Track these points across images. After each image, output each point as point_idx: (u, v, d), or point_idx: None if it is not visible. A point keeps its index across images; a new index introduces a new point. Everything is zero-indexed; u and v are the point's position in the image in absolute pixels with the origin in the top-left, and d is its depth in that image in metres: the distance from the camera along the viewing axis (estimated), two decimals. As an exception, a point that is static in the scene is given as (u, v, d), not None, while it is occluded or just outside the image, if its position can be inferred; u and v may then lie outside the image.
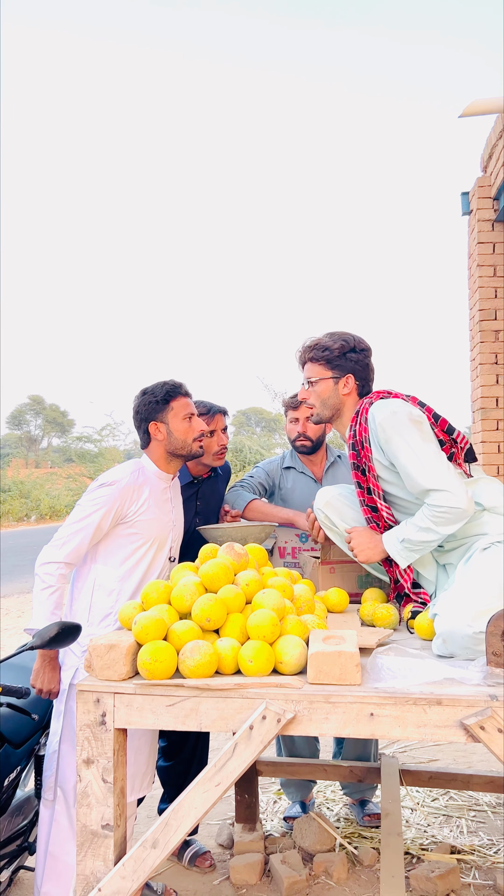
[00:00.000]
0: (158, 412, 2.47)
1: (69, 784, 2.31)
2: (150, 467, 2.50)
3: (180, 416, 2.48)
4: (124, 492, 2.35)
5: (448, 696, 1.55)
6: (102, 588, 2.39)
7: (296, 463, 3.20)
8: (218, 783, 1.58)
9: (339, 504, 2.43)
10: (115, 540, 2.39)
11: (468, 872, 2.73)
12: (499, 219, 5.43)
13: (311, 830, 2.93)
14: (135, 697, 1.65)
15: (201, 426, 2.53)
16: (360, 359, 2.35)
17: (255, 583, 1.89)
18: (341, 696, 1.57)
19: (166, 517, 2.48)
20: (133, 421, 2.53)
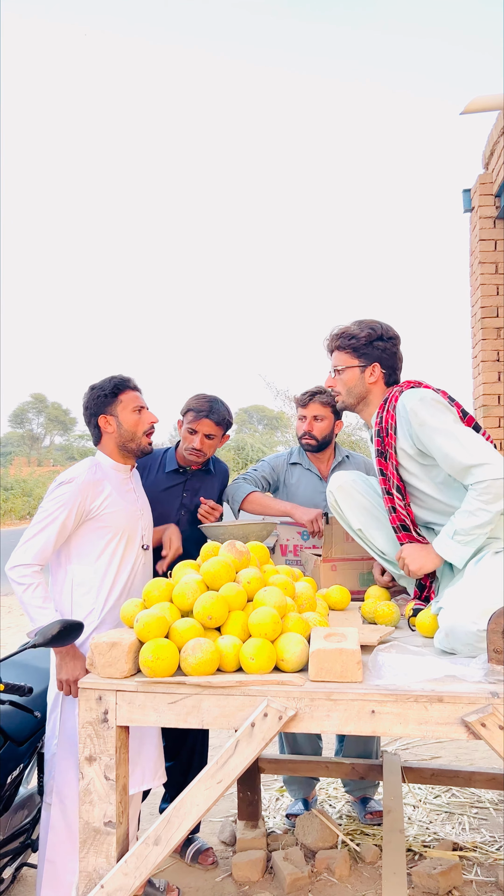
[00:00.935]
0: (107, 405, 2.50)
1: (64, 789, 2.31)
2: (105, 461, 2.52)
3: (129, 408, 2.50)
4: (84, 487, 2.36)
5: (449, 694, 1.55)
6: (81, 586, 2.40)
7: (302, 459, 3.21)
8: (220, 780, 1.59)
9: (351, 490, 2.41)
10: (86, 537, 2.40)
11: (470, 869, 2.74)
12: (500, 216, 5.42)
13: (314, 827, 2.93)
14: (137, 695, 1.65)
15: (151, 419, 2.54)
16: (387, 347, 2.32)
17: (256, 580, 1.89)
18: (343, 694, 1.58)
19: (132, 507, 2.49)
20: (84, 417, 2.55)
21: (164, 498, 2.82)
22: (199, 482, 2.96)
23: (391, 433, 2.20)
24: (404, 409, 2.17)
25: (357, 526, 2.42)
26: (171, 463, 2.92)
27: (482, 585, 1.87)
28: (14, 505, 23.83)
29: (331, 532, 2.63)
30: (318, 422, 3.11)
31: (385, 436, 2.22)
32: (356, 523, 2.41)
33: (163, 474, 2.89)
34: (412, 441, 2.16)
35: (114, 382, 2.51)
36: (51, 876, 2.30)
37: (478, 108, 4.58)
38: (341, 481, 2.43)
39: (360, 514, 2.40)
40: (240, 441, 27.68)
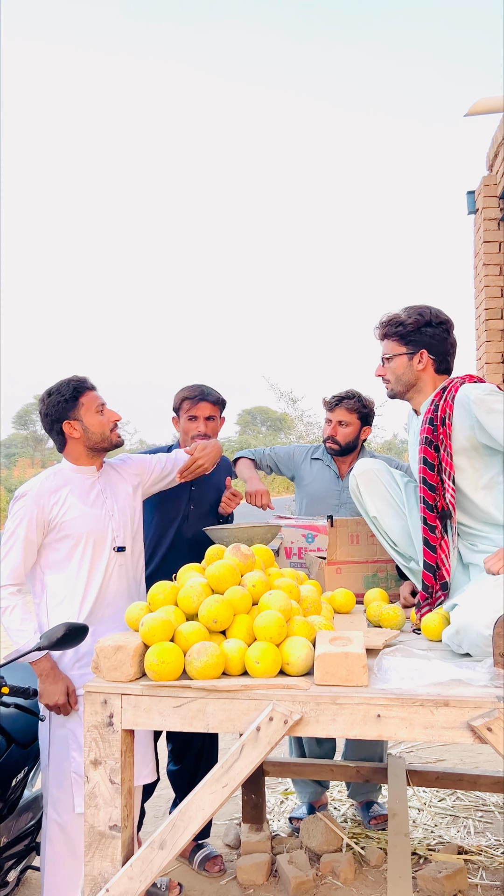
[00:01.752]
0: (69, 410, 2.41)
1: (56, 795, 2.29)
2: (67, 467, 2.45)
3: (92, 409, 2.43)
4: (38, 498, 2.32)
5: (455, 698, 1.55)
6: (56, 596, 2.36)
7: (324, 456, 3.24)
8: (225, 784, 1.58)
9: (375, 477, 2.39)
10: (52, 546, 2.35)
11: (475, 873, 2.73)
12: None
13: (318, 831, 2.92)
14: (142, 699, 1.65)
15: (114, 417, 2.48)
16: (436, 333, 2.27)
17: (261, 584, 1.89)
18: (348, 698, 1.57)
19: (97, 510, 2.42)
20: (43, 424, 2.47)
21: (172, 493, 2.81)
22: (206, 474, 2.95)
23: (447, 422, 2.15)
24: (466, 399, 2.12)
25: (373, 513, 2.40)
26: None
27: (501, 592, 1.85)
28: (18, 506, 23.84)
29: (335, 535, 2.62)
30: (343, 427, 3.12)
31: (439, 424, 2.17)
32: (373, 510, 2.39)
33: None
34: (471, 432, 2.12)
35: (72, 386, 2.42)
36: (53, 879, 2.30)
37: (482, 109, 4.57)
38: (366, 467, 2.41)
39: (379, 501, 2.38)
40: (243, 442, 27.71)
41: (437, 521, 2.20)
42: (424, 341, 2.27)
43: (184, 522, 2.87)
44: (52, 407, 2.42)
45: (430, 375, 2.29)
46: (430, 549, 2.21)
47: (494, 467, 2.16)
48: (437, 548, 2.19)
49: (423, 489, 2.22)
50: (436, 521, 2.20)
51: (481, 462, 2.15)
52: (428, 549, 2.21)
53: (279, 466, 3.27)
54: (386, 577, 2.65)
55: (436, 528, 2.20)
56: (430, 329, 2.27)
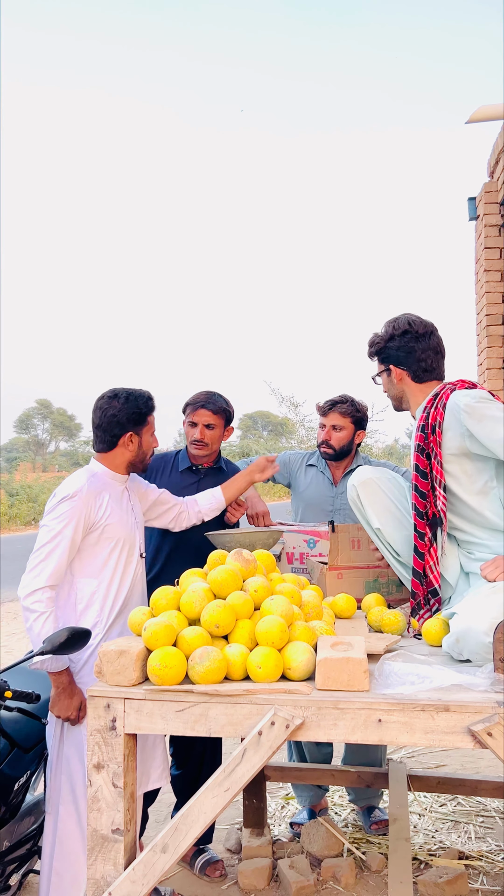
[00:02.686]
0: (137, 424, 2.46)
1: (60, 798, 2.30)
2: (103, 472, 2.47)
3: (151, 431, 2.51)
4: (87, 500, 2.33)
5: (456, 703, 1.56)
6: (85, 599, 2.36)
7: (319, 462, 3.28)
8: (227, 788, 1.59)
9: (376, 487, 2.38)
10: (89, 549, 2.36)
11: (476, 878, 2.73)
12: (506, 224, 5.44)
13: (319, 835, 2.93)
14: (144, 703, 1.66)
15: (156, 443, 2.55)
16: (400, 345, 2.29)
17: (263, 589, 1.90)
18: (349, 703, 1.59)
19: (128, 517, 2.47)
20: (101, 421, 2.44)
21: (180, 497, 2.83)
22: (213, 481, 2.97)
23: (437, 430, 2.16)
24: (456, 406, 2.13)
25: (377, 525, 2.37)
26: (185, 462, 2.95)
27: (499, 597, 1.86)
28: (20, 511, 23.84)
29: (337, 540, 2.63)
30: (337, 431, 3.14)
31: (430, 432, 2.18)
32: (376, 522, 2.37)
33: (176, 474, 2.91)
34: (461, 440, 2.13)
35: (149, 404, 2.48)
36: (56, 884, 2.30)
37: (483, 116, 4.60)
38: (366, 476, 2.39)
39: (382, 512, 2.36)
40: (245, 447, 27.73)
41: (426, 529, 2.21)
42: (392, 356, 2.31)
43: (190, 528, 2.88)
44: (123, 413, 2.43)
45: (410, 386, 2.31)
46: (418, 556, 2.23)
47: (487, 472, 2.17)
48: (424, 555, 2.22)
49: (414, 496, 2.25)
50: (425, 529, 2.21)
51: (473, 467, 2.16)
52: (416, 556, 2.23)
53: (276, 475, 3.29)
54: (387, 583, 2.66)
55: (425, 535, 2.22)
56: (394, 342, 2.30)
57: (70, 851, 2.30)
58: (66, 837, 2.30)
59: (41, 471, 38.20)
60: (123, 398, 2.46)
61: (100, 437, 2.48)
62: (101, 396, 2.51)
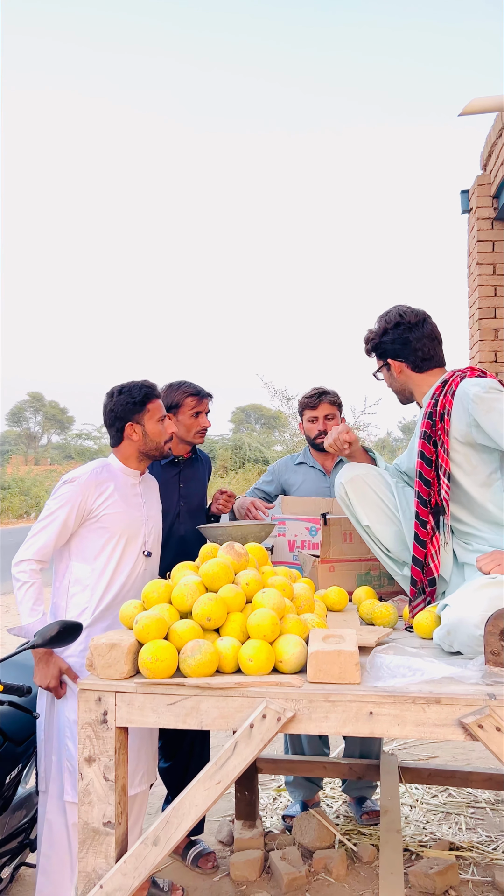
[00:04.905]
0: (136, 413, 2.50)
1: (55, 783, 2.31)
2: (116, 465, 2.53)
3: (155, 418, 2.52)
4: (86, 487, 2.38)
5: (447, 695, 1.56)
6: (78, 583, 2.42)
7: (307, 458, 3.32)
8: (218, 781, 1.59)
9: (363, 484, 2.38)
10: (86, 536, 2.41)
11: (466, 869, 2.75)
12: (498, 217, 5.44)
13: (311, 827, 2.94)
14: (136, 696, 1.66)
15: (172, 428, 2.59)
16: (395, 337, 2.27)
17: (255, 582, 1.89)
18: (341, 695, 1.58)
19: (136, 512, 2.49)
20: (105, 419, 2.55)
21: (164, 492, 2.83)
22: (191, 471, 3.01)
23: (446, 418, 2.14)
24: (465, 395, 2.10)
25: (366, 522, 2.38)
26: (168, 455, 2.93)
27: (493, 591, 1.86)
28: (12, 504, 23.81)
29: (329, 533, 2.64)
30: (330, 420, 3.22)
31: (437, 420, 2.16)
32: (365, 519, 2.38)
33: (159, 468, 2.90)
34: (467, 429, 2.11)
35: (144, 392, 2.51)
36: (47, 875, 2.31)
37: (476, 109, 4.58)
38: (353, 473, 2.39)
39: (371, 509, 2.37)
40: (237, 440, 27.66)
41: (429, 517, 2.20)
42: (388, 350, 2.29)
43: (175, 520, 2.89)
44: (119, 406, 2.51)
45: (412, 377, 2.30)
46: (419, 544, 2.21)
47: (492, 464, 2.16)
48: (426, 543, 2.20)
49: (418, 483, 2.22)
50: (428, 517, 2.20)
51: (478, 458, 2.14)
52: (417, 544, 2.21)
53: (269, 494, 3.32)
54: (379, 576, 2.67)
55: (427, 523, 2.20)
56: (388, 336, 2.29)
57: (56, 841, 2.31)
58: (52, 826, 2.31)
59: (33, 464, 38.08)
60: (118, 391, 2.55)
61: (110, 434, 2.58)
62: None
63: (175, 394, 2.90)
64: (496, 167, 5.28)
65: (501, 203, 5.31)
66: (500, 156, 5.15)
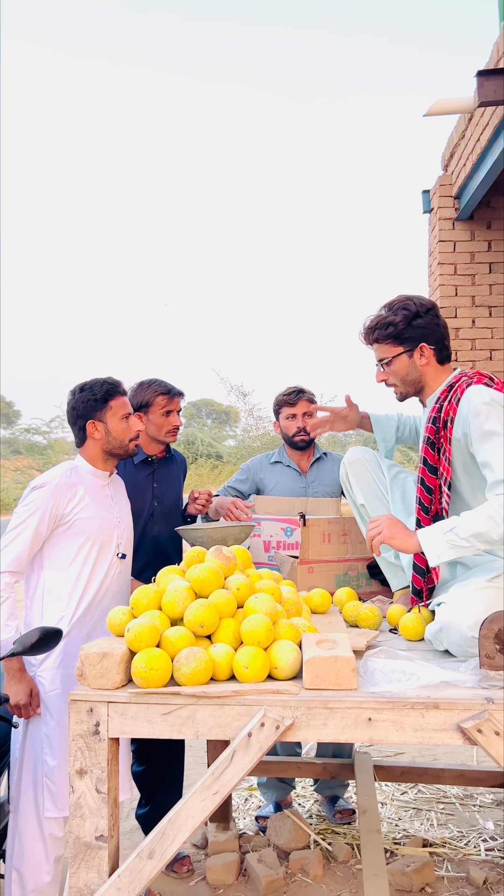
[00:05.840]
0: (97, 411, 2.44)
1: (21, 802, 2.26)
2: (84, 466, 2.46)
3: (119, 415, 2.46)
4: (56, 492, 2.31)
5: (445, 700, 1.56)
6: (52, 592, 2.34)
7: (283, 457, 3.30)
8: (216, 791, 1.57)
9: (363, 467, 2.43)
10: (58, 542, 2.34)
11: (441, 865, 2.78)
12: (459, 217, 5.50)
13: (286, 828, 2.94)
14: (129, 706, 1.62)
15: (138, 426, 2.51)
16: (427, 322, 2.18)
17: (245, 587, 1.87)
18: (339, 702, 1.57)
19: (108, 514, 2.44)
20: (68, 417, 2.49)
21: (137, 492, 2.78)
22: (165, 470, 2.96)
23: (449, 426, 2.09)
24: (469, 404, 2.04)
25: (360, 501, 2.44)
26: (140, 454, 2.87)
27: (487, 595, 1.86)
28: (-43, 500, 23.24)
29: (308, 534, 2.63)
30: (309, 418, 3.19)
31: (441, 427, 2.11)
32: (360, 499, 2.44)
33: (132, 468, 2.85)
34: (465, 438, 2.06)
35: (105, 388, 2.44)
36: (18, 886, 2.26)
37: (441, 110, 4.61)
38: (356, 456, 2.46)
39: (367, 491, 2.42)
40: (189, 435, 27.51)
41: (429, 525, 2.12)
42: (419, 334, 2.17)
43: (149, 521, 2.84)
44: (80, 403, 2.44)
45: (433, 368, 2.21)
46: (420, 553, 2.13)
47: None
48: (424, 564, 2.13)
49: (420, 490, 2.17)
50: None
51: (475, 467, 2.10)
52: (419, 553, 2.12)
53: (243, 493, 3.29)
54: (357, 576, 2.67)
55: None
56: (421, 320, 2.17)
57: (31, 853, 2.25)
58: (27, 839, 2.26)
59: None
60: (79, 389, 2.49)
61: (74, 433, 2.51)
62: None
63: (145, 392, 2.85)
64: (458, 168, 5.34)
65: (463, 204, 5.37)
66: (461, 157, 5.21)
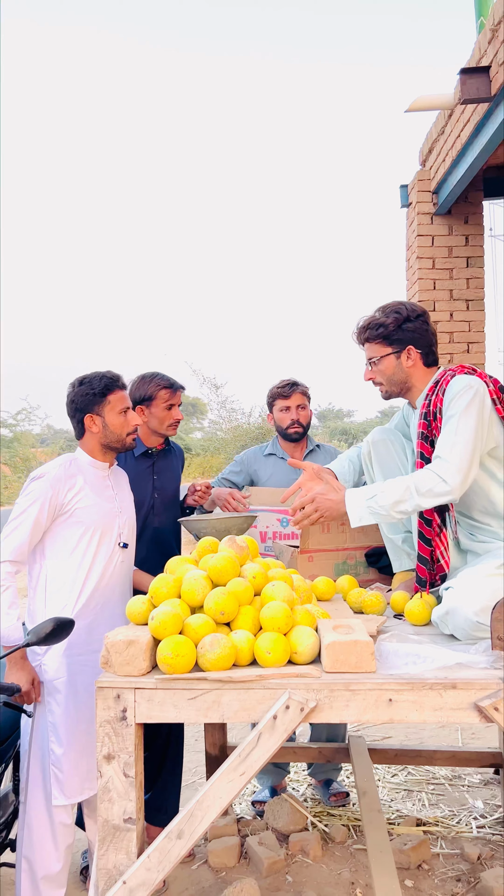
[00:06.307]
0: (95, 405, 2.46)
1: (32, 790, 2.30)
2: (83, 458, 2.50)
3: (117, 409, 2.48)
4: (55, 482, 2.35)
5: (462, 680, 1.63)
6: (55, 582, 2.37)
7: (276, 449, 3.35)
8: (243, 773, 1.62)
9: (387, 449, 2.47)
10: (59, 532, 2.38)
11: (435, 843, 2.86)
12: (438, 212, 5.59)
13: (284, 812, 3.00)
14: (156, 692, 1.66)
15: (136, 420, 2.54)
16: (417, 327, 2.30)
17: (261, 576, 1.92)
18: (361, 684, 1.63)
19: (108, 504, 2.47)
20: (67, 410, 2.52)
21: (138, 484, 2.81)
22: (165, 463, 2.99)
23: (439, 417, 2.18)
24: (451, 391, 2.16)
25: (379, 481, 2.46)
26: (140, 447, 2.90)
27: (494, 582, 1.92)
28: None
29: (308, 524, 2.68)
30: (303, 410, 3.28)
31: (431, 419, 2.20)
32: (379, 478, 2.47)
33: (133, 461, 2.88)
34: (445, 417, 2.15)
35: (104, 382, 2.46)
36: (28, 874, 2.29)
37: (422, 106, 4.68)
38: (379, 437, 2.50)
39: (387, 471, 2.44)
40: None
41: (433, 515, 2.22)
42: (408, 337, 2.29)
43: (150, 512, 2.88)
44: (80, 397, 2.46)
45: (419, 370, 2.32)
46: (425, 543, 2.23)
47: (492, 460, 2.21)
48: (432, 541, 2.22)
49: None
50: (432, 515, 2.21)
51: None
52: (423, 543, 2.23)
53: (236, 484, 3.33)
54: (355, 564, 2.74)
55: (432, 521, 2.22)
56: (411, 324, 2.30)
57: (40, 841, 2.29)
58: (36, 828, 2.29)
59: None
60: (78, 382, 2.51)
61: (73, 426, 2.53)
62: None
63: (148, 386, 2.88)
64: (436, 164, 5.42)
65: (441, 199, 5.46)
66: (441, 153, 5.29)
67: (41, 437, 25.45)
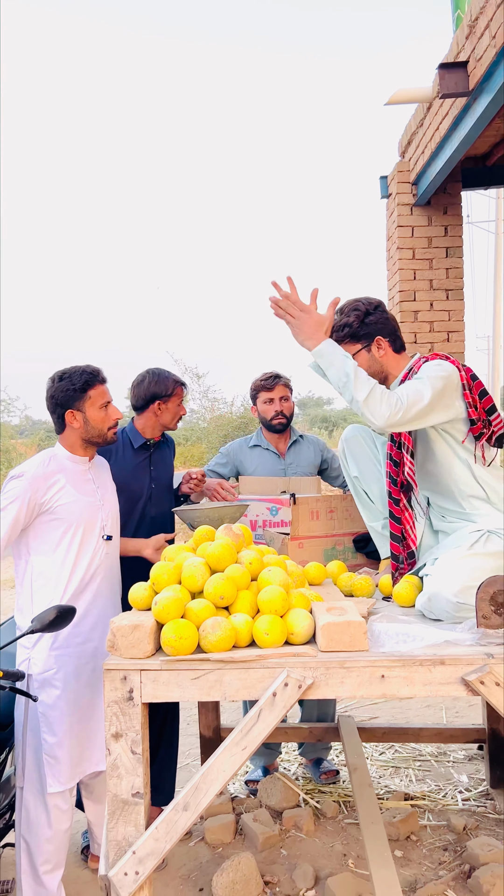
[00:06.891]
0: (76, 400, 2.47)
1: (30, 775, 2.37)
2: (62, 454, 2.51)
3: (97, 404, 2.49)
4: (34, 482, 2.37)
5: (450, 657, 1.73)
6: (41, 577, 2.42)
7: (261, 440, 3.43)
8: (245, 747, 1.71)
9: (361, 442, 2.65)
10: (42, 529, 2.41)
11: (423, 816, 2.98)
12: (417, 203, 5.68)
13: (277, 789, 3.11)
14: (161, 673, 1.75)
15: (116, 415, 2.55)
16: (378, 318, 2.41)
17: (257, 562, 2.01)
18: (355, 662, 1.73)
19: (90, 498, 2.50)
20: (46, 404, 2.52)
21: (135, 476, 2.88)
22: (160, 453, 3.06)
23: None
24: (423, 369, 2.27)
25: (354, 473, 2.65)
26: (138, 439, 2.95)
27: (469, 562, 2.04)
28: None
29: (297, 512, 2.77)
30: (285, 402, 3.37)
31: None
32: (354, 471, 2.65)
33: (130, 453, 2.94)
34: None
35: (85, 378, 2.47)
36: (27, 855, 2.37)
37: (402, 99, 4.76)
38: (351, 434, 2.69)
39: (361, 463, 2.63)
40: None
41: (400, 495, 2.36)
42: (373, 330, 2.40)
43: (148, 502, 2.95)
44: (59, 392, 2.47)
45: (391, 357, 2.42)
46: (395, 521, 2.38)
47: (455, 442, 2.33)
48: (401, 519, 2.37)
49: (388, 464, 2.39)
50: (399, 495, 2.36)
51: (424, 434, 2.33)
52: (393, 521, 2.38)
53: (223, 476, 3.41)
54: (343, 550, 2.84)
55: (399, 500, 2.37)
56: (372, 316, 2.41)
57: (38, 825, 2.37)
58: (33, 813, 2.37)
59: None
60: (58, 378, 2.51)
61: (53, 421, 2.54)
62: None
63: (167, 383, 2.92)
64: (416, 155, 5.50)
65: (421, 190, 5.55)
66: (420, 145, 5.37)
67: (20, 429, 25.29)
